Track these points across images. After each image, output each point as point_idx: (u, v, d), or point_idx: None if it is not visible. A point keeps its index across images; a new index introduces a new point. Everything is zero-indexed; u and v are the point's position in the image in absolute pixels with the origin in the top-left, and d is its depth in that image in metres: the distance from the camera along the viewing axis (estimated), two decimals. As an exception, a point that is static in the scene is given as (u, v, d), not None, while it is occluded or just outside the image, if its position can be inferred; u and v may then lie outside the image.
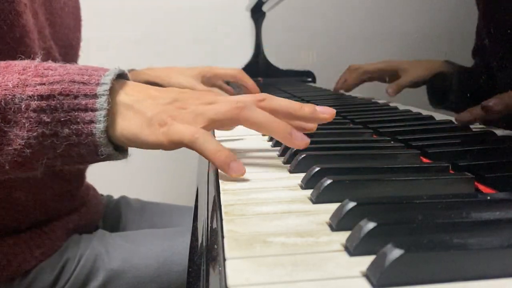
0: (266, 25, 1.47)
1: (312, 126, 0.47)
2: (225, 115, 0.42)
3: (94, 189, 0.82)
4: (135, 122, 0.43)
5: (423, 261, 0.22)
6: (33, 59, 0.57)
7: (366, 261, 0.24)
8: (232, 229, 0.30)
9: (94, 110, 0.41)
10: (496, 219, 0.28)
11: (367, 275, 0.23)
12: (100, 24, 1.52)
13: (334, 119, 0.63)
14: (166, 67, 0.94)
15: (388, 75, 0.61)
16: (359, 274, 0.23)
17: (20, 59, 0.54)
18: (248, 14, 1.54)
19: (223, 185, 0.40)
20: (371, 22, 0.69)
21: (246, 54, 1.52)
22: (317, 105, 0.46)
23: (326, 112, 0.45)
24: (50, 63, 0.45)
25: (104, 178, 0.88)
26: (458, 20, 0.46)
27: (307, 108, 0.45)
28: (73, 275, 0.64)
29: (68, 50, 0.72)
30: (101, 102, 0.42)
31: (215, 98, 0.44)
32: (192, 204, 0.45)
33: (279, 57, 1.36)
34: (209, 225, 0.33)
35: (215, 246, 0.29)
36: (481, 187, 0.37)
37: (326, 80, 0.96)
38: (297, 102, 0.45)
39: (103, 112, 0.42)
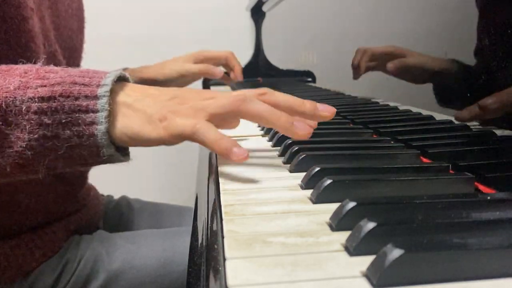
0: (266, 25, 1.47)
1: (313, 124, 0.47)
2: (225, 108, 0.42)
3: (94, 190, 0.83)
4: (135, 120, 0.43)
5: (423, 261, 0.22)
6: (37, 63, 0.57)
7: (366, 261, 0.24)
8: (232, 229, 0.30)
9: (95, 111, 0.41)
10: (496, 219, 0.28)
11: (367, 275, 0.23)
12: (100, 24, 1.52)
13: (334, 119, 0.63)
14: (159, 62, 0.95)
15: (393, 59, 0.60)
16: (359, 274, 0.23)
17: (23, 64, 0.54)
18: (248, 14, 1.54)
19: (223, 185, 0.40)
20: (371, 22, 0.69)
21: (246, 54, 1.52)
22: (318, 105, 0.46)
23: (327, 110, 0.45)
24: (51, 67, 0.45)
25: (104, 178, 0.88)
26: (458, 20, 0.46)
27: (308, 104, 0.44)
28: (73, 276, 0.64)
29: (71, 53, 0.72)
30: (102, 103, 0.42)
31: (214, 93, 0.44)
32: (192, 204, 0.45)
33: (279, 57, 1.36)
34: (209, 225, 0.33)
35: (215, 246, 0.29)
36: (481, 187, 0.37)
37: (326, 80, 0.96)
38: (298, 98, 0.45)
39: (104, 114, 0.42)
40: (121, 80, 0.46)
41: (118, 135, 0.43)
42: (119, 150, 0.44)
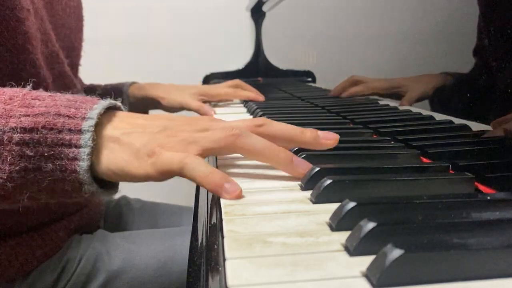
0: (266, 25, 1.47)
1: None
2: (219, 143, 0.40)
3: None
4: (122, 156, 0.40)
5: (423, 261, 0.22)
6: (36, 66, 0.56)
7: (366, 261, 0.24)
8: (232, 229, 0.30)
9: (78, 146, 0.39)
10: (496, 219, 0.28)
11: (367, 275, 0.23)
12: (101, 24, 1.52)
13: (334, 119, 0.63)
14: (167, 84, 0.97)
15: (389, 93, 0.61)
16: (359, 274, 0.23)
17: (23, 67, 0.54)
18: (248, 14, 1.54)
19: (223, 185, 0.39)
20: (371, 22, 0.69)
21: (246, 54, 1.52)
22: (318, 105, 0.46)
23: (330, 138, 0.42)
24: (39, 93, 0.43)
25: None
26: (458, 20, 0.46)
27: (309, 134, 0.42)
28: (73, 275, 0.64)
29: (70, 52, 0.72)
30: (86, 139, 0.39)
31: (208, 124, 0.41)
32: (192, 204, 0.45)
33: (279, 57, 1.36)
34: (209, 225, 0.33)
35: (215, 246, 0.29)
36: (481, 187, 0.37)
37: (326, 80, 0.96)
38: (298, 128, 0.42)
39: (87, 150, 0.39)
40: (111, 108, 0.44)
41: (103, 171, 0.40)
42: (104, 186, 0.42)
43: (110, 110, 0.43)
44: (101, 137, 0.41)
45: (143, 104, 0.96)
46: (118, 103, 0.45)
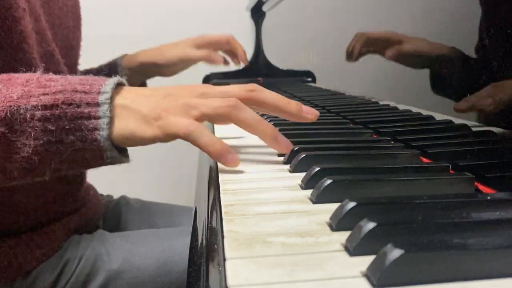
0: (266, 25, 1.47)
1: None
2: (217, 111, 0.44)
3: (94, 189, 0.82)
4: (132, 121, 0.44)
5: (423, 261, 0.22)
6: (32, 65, 0.56)
7: (366, 261, 0.24)
8: (232, 229, 0.30)
9: (97, 118, 0.43)
10: (496, 219, 0.28)
11: (367, 275, 0.23)
12: (100, 23, 1.52)
13: (334, 119, 0.63)
14: (158, 46, 0.94)
15: (391, 45, 0.60)
16: (359, 274, 0.23)
17: (18, 66, 0.54)
18: (248, 14, 1.54)
19: (223, 185, 0.40)
20: (371, 22, 0.69)
21: (246, 54, 1.52)
22: (318, 105, 0.46)
23: (311, 113, 0.47)
24: (51, 75, 0.46)
25: (104, 178, 0.88)
26: (458, 20, 0.46)
27: (294, 105, 0.47)
28: (73, 275, 0.64)
29: (68, 51, 0.72)
30: (103, 110, 0.44)
31: (207, 90, 0.46)
32: (192, 204, 0.45)
33: (279, 57, 1.36)
34: (209, 225, 0.33)
35: (215, 246, 0.29)
36: (481, 187, 0.37)
37: (326, 80, 0.96)
38: (285, 98, 0.47)
39: (106, 120, 0.43)
40: (118, 84, 0.48)
41: (116, 137, 0.44)
42: (119, 152, 0.46)
43: (117, 86, 0.47)
44: (113, 106, 0.45)
45: (140, 72, 0.93)
46: (124, 80, 0.49)
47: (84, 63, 0.83)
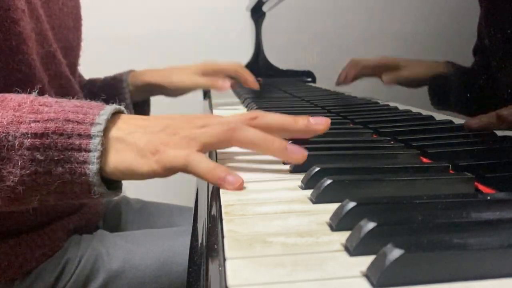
0: (266, 25, 1.47)
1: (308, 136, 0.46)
2: (218, 138, 0.42)
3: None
4: (128, 155, 0.42)
5: (423, 261, 0.22)
6: (31, 66, 0.56)
7: (366, 261, 0.24)
8: (232, 229, 0.30)
9: (87, 150, 0.41)
10: (496, 219, 0.28)
11: (367, 275, 0.23)
12: (101, 23, 1.52)
13: (334, 119, 0.63)
14: (166, 68, 0.93)
15: (387, 71, 0.61)
16: (359, 274, 0.23)
17: (17, 67, 0.54)
18: (248, 14, 1.54)
19: (223, 185, 0.40)
20: (371, 22, 0.69)
21: (246, 54, 1.52)
22: (318, 105, 0.46)
23: (321, 123, 0.44)
24: (46, 99, 0.44)
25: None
26: (458, 20, 0.46)
27: (301, 121, 0.44)
28: (73, 275, 0.64)
29: (68, 52, 0.72)
30: (95, 143, 0.41)
31: (206, 121, 0.44)
32: (192, 204, 0.45)
33: (279, 57, 1.36)
34: (209, 225, 0.33)
35: (215, 246, 0.29)
36: (481, 187, 0.37)
37: (326, 80, 0.96)
38: (291, 116, 0.45)
39: (97, 154, 0.41)
40: (115, 112, 0.46)
41: (111, 171, 0.42)
42: (111, 186, 0.44)
43: (114, 114, 0.45)
44: (107, 139, 0.43)
45: (144, 91, 0.92)
46: (122, 107, 0.47)
47: (83, 63, 0.83)
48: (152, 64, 0.97)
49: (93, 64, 0.95)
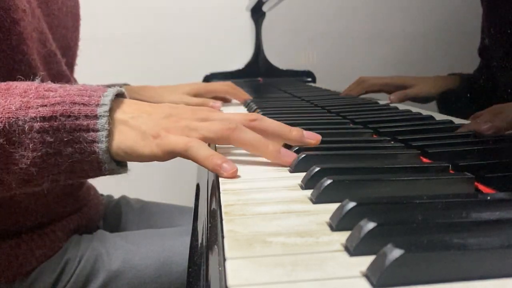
0: (266, 25, 1.47)
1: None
2: (217, 134, 0.44)
3: (94, 190, 0.82)
4: (130, 136, 0.45)
5: (423, 261, 0.22)
6: (31, 66, 0.56)
7: (366, 261, 0.24)
8: (232, 229, 0.30)
9: (95, 130, 0.43)
10: (496, 219, 0.28)
11: (367, 275, 0.23)
12: (101, 23, 1.52)
13: (334, 119, 0.63)
14: (158, 86, 0.96)
15: (395, 89, 0.61)
16: (359, 274, 0.23)
17: (18, 67, 0.54)
18: (248, 14, 1.54)
19: (223, 185, 0.40)
20: (371, 22, 0.69)
21: (246, 54, 1.52)
22: (318, 105, 0.46)
23: (313, 138, 0.47)
24: (50, 84, 0.46)
25: (104, 178, 0.88)
26: (459, 20, 0.46)
27: (295, 132, 0.47)
28: (73, 275, 0.64)
29: (65, 51, 0.72)
30: (102, 123, 0.43)
31: (208, 115, 0.46)
32: (192, 204, 0.45)
33: (279, 57, 1.36)
34: (209, 225, 0.33)
35: (215, 246, 0.29)
36: (481, 187, 0.37)
37: (326, 80, 0.96)
38: (286, 125, 0.47)
39: (104, 133, 0.43)
40: (118, 96, 0.48)
41: (114, 150, 0.44)
42: (117, 164, 0.46)
43: (117, 97, 0.47)
44: (112, 120, 0.45)
45: None
46: (124, 90, 0.49)
47: (83, 64, 0.83)
48: (152, 64, 0.97)
49: (93, 65, 0.95)
